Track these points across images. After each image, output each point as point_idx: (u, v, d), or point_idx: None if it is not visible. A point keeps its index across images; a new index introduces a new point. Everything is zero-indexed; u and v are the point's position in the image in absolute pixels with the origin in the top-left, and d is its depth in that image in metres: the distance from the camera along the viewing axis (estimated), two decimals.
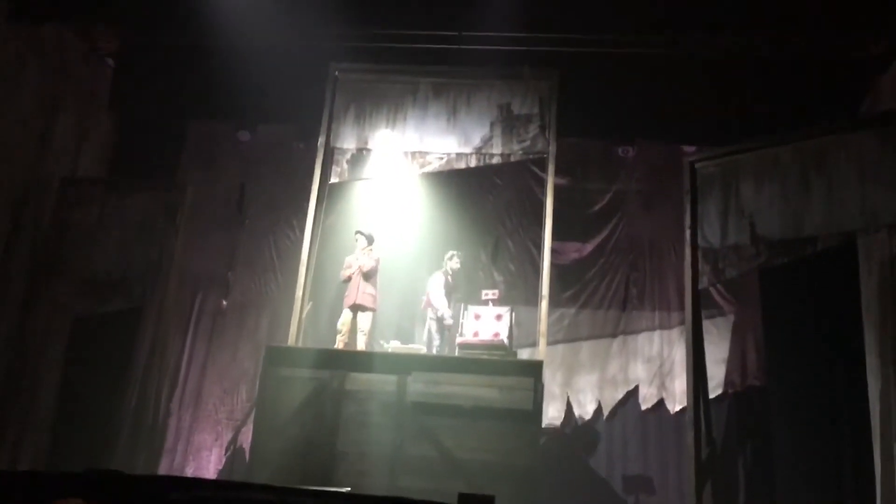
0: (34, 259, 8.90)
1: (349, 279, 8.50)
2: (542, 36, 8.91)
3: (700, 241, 7.93)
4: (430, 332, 8.50)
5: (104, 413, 8.52)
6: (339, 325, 8.47)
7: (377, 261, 8.58)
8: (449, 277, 8.63)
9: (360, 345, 8.35)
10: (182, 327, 9.91)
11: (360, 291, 8.42)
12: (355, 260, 8.57)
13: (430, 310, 8.52)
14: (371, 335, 8.56)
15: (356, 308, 8.42)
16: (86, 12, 9.34)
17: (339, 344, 8.37)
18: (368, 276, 8.48)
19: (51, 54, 9.22)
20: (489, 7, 8.61)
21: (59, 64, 9.30)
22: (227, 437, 9.47)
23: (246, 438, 8.97)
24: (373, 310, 8.50)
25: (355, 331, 8.42)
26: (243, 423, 9.24)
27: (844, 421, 8.40)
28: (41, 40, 9.13)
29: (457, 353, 8.05)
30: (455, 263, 8.62)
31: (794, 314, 8.72)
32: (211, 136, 10.51)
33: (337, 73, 9.04)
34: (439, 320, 8.44)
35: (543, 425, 8.50)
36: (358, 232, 8.71)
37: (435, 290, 8.52)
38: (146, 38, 9.56)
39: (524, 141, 8.67)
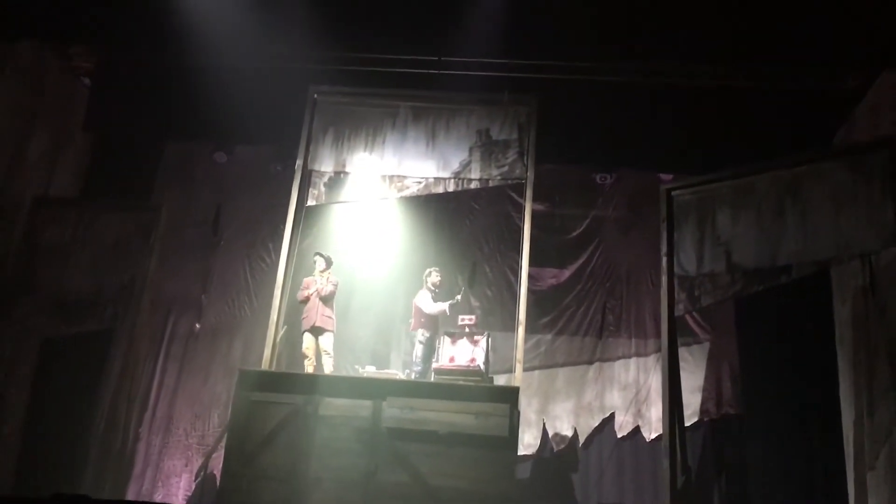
0: (3, 279, 8.74)
1: (306, 300, 8.44)
2: (521, 62, 8.97)
3: (676, 268, 7.96)
4: (416, 355, 8.40)
5: (72, 437, 8.38)
6: (304, 350, 8.38)
7: (336, 285, 8.53)
8: (433, 294, 8.56)
9: (328, 367, 8.27)
10: (153, 350, 9.78)
11: (319, 314, 8.36)
12: (314, 281, 8.51)
13: (419, 331, 8.43)
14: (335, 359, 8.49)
15: (316, 330, 8.36)
16: (63, 30, 9.28)
17: (308, 368, 8.28)
18: (326, 299, 8.43)
19: (27, 72, 9.14)
20: (469, 33, 8.66)
21: (34, 81, 9.21)
22: (198, 462, 9.29)
23: (217, 465, 8.79)
24: (331, 331, 8.44)
25: (320, 354, 8.35)
26: (214, 448, 9.07)
27: (819, 449, 8.46)
28: (17, 57, 9.06)
29: (433, 379, 7.98)
30: (435, 278, 8.56)
31: (770, 342, 8.80)
32: (187, 157, 10.43)
33: (316, 95, 9.01)
34: (428, 343, 8.35)
35: (519, 452, 8.45)
36: (317, 254, 8.66)
37: (425, 303, 8.45)
38: (123, 57, 9.50)
39: (503, 166, 8.67)
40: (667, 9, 8.40)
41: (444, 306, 8.35)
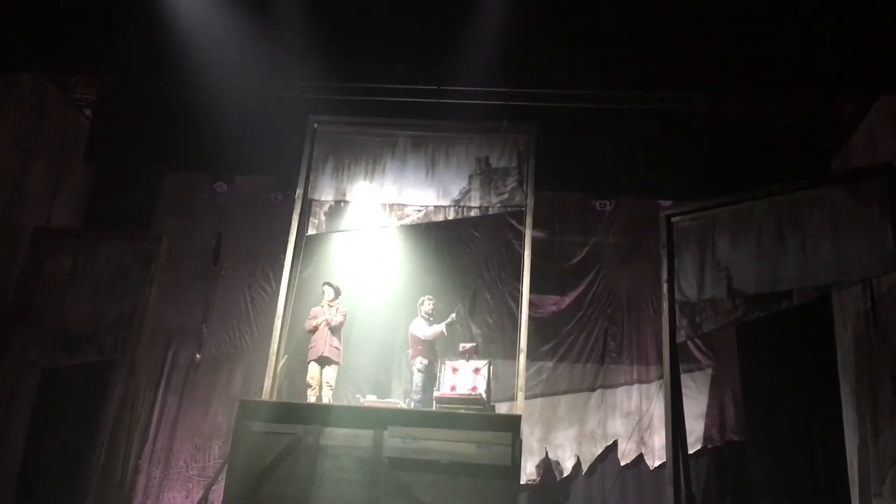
0: (3, 310, 8.72)
1: (315, 329, 8.42)
2: (520, 91, 9.04)
3: (677, 294, 7.93)
4: (415, 383, 8.37)
5: (72, 468, 8.30)
6: (308, 380, 8.35)
7: (345, 315, 8.54)
8: (427, 322, 8.55)
9: (327, 398, 8.24)
10: (154, 381, 9.75)
11: (327, 344, 8.35)
12: (322, 311, 8.49)
13: (418, 359, 8.41)
14: (336, 389, 8.46)
15: (323, 361, 8.34)
16: (64, 63, 9.35)
17: (311, 398, 8.25)
18: (336, 329, 8.43)
19: (28, 103, 9.20)
20: (468, 62, 8.73)
21: (35, 113, 9.27)
22: (198, 494, 9.22)
23: (218, 496, 8.71)
24: (338, 363, 8.42)
25: (322, 385, 8.32)
26: (215, 480, 8.99)
27: (823, 476, 8.39)
28: (19, 89, 9.12)
29: (434, 408, 7.93)
30: (428, 306, 8.56)
31: (772, 368, 8.77)
32: (188, 187, 10.47)
33: (316, 125, 9.04)
34: (427, 371, 8.32)
35: (522, 481, 8.39)
36: (326, 283, 8.67)
37: (419, 329, 8.45)
38: (124, 88, 9.57)
39: (502, 194, 8.69)
40: (663, 37, 8.48)
41: (440, 327, 8.34)
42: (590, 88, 9.04)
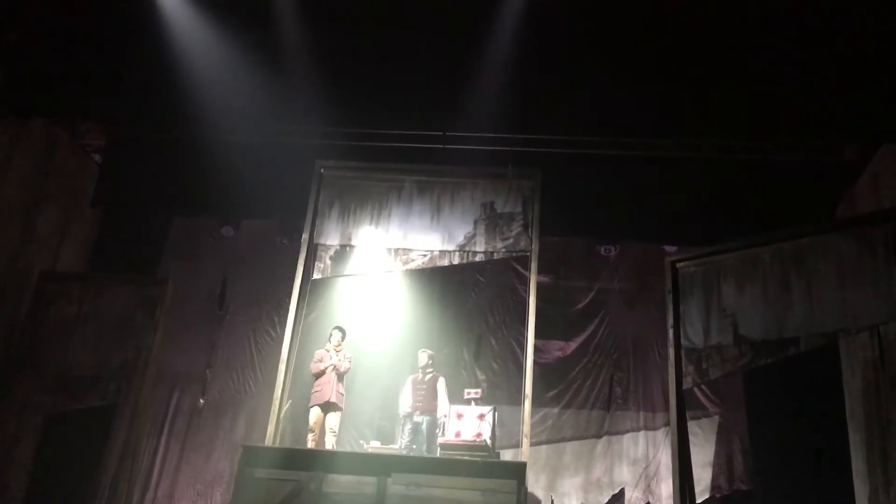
0: (7, 354, 8.71)
1: (322, 373, 8.38)
2: (525, 137, 9.11)
3: (683, 340, 7.89)
4: (402, 432, 8.34)
5: None
6: (311, 424, 8.29)
7: (351, 361, 8.55)
8: (419, 374, 8.54)
9: (330, 444, 8.17)
10: (157, 426, 9.68)
11: (333, 390, 8.30)
12: (328, 355, 8.46)
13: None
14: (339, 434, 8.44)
15: (329, 406, 8.28)
16: (74, 108, 9.47)
17: (311, 443, 8.18)
18: (342, 375, 8.42)
19: (37, 148, 9.29)
20: (473, 108, 8.82)
21: (45, 158, 9.36)
22: None
23: None
24: (342, 409, 8.39)
25: (325, 431, 8.25)
26: None
27: None
28: (29, 134, 9.22)
29: (438, 454, 7.86)
30: (420, 359, 8.59)
31: (780, 415, 8.69)
32: (194, 232, 10.52)
33: (322, 170, 9.13)
34: (412, 422, 8.30)
35: None
36: (337, 327, 8.65)
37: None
38: (133, 133, 9.67)
39: (507, 239, 8.72)
40: (668, 83, 8.56)
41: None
42: (595, 134, 9.10)
